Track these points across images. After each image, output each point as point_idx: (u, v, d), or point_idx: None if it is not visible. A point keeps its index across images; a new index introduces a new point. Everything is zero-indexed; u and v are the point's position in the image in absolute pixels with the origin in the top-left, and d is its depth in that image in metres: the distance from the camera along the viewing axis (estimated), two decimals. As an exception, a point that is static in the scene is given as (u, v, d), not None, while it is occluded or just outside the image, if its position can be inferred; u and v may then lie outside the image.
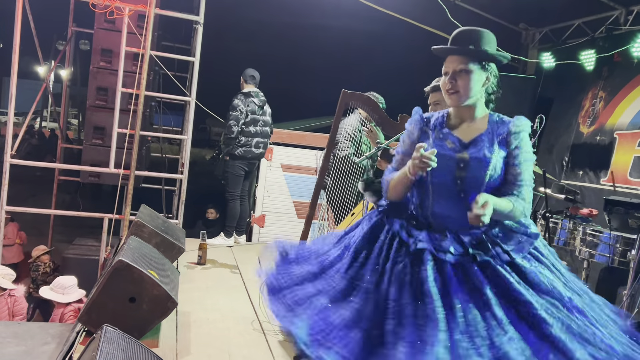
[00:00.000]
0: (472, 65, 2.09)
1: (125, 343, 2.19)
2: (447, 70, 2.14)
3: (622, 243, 4.17)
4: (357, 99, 3.73)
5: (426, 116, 2.25)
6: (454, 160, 2.08)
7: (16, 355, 2.99)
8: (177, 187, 6.86)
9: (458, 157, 2.08)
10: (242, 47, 9.96)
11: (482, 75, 2.12)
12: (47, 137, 19.79)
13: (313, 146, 6.70)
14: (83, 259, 6.16)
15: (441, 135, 2.15)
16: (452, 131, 2.16)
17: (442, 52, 2.16)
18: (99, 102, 6.02)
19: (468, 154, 2.08)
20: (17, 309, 4.80)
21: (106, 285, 3.09)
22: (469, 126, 2.16)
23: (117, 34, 5.81)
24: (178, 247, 4.54)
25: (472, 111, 2.16)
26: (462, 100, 2.12)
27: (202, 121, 27.70)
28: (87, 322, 3.11)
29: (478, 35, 2.12)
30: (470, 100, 2.12)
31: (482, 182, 2.06)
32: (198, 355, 3.17)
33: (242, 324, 3.73)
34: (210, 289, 4.48)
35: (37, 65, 20.50)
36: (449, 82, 2.11)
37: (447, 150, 2.10)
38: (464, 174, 2.07)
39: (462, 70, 2.09)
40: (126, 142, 5.62)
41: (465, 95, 2.11)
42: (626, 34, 6.53)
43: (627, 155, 6.18)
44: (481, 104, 2.17)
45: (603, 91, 6.86)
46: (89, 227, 8.15)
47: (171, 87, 6.53)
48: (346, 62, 10.14)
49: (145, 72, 5.53)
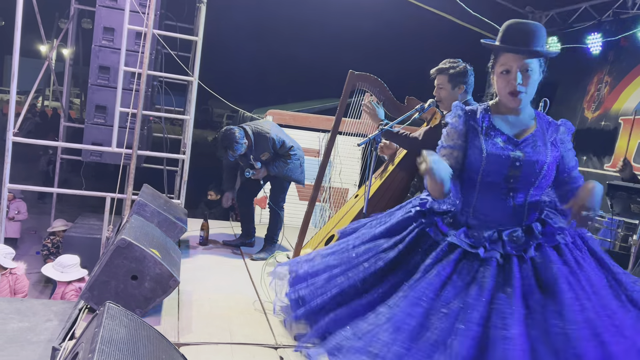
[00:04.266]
0: (535, 64, 2.02)
1: (127, 320, 2.20)
2: (507, 68, 2.02)
3: (623, 228, 4.17)
4: (364, 80, 3.70)
5: (468, 109, 2.16)
6: (509, 159, 2.03)
7: (19, 332, 3.02)
8: (179, 167, 6.86)
9: (512, 157, 2.03)
10: (245, 27, 9.91)
11: (539, 74, 2.06)
12: (50, 116, 19.76)
13: (316, 128, 6.67)
14: (85, 238, 6.20)
15: (492, 132, 2.08)
16: (499, 126, 2.09)
17: (504, 49, 2.04)
18: (101, 81, 6.00)
19: (523, 153, 2.03)
20: (19, 287, 4.83)
21: (108, 263, 3.10)
22: (517, 121, 2.10)
23: (120, 12, 5.77)
24: (180, 226, 4.55)
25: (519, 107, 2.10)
26: (527, 102, 2.06)
27: (205, 102, 27.67)
28: (90, 300, 3.13)
29: (539, 32, 2.03)
30: (531, 99, 2.07)
31: (533, 183, 2.04)
32: (199, 333, 3.19)
33: (243, 303, 3.75)
34: (212, 268, 4.50)
35: (40, 43, 20.43)
36: (516, 83, 2.01)
37: (499, 149, 2.04)
38: (518, 173, 2.02)
39: (527, 70, 2.01)
40: (128, 121, 5.60)
41: (530, 95, 2.05)
42: (633, 18, 6.46)
43: (631, 141, 6.16)
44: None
45: (609, 76, 6.81)
46: (91, 206, 8.19)
47: (174, 66, 6.49)
48: (352, 43, 10.08)
49: (147, 51, 5.49)
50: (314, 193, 3.75)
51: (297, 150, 4.94)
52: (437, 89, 3.37)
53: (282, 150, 4.84)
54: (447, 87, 3.32)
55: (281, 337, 3.25)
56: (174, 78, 6.71)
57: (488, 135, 2.07)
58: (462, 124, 2.13)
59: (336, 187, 6.38)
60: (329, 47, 9.76)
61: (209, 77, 6.85)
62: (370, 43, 10.05)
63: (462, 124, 2.14)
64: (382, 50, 9.50)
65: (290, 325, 2.29)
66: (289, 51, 10.38)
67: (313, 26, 9.53)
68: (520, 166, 2.02)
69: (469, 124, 2.12)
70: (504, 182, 2.04)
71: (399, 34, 8.38)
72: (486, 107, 2.15)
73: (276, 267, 2.48)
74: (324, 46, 9.91)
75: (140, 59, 5.55)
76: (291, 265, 2.42)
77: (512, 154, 2.03)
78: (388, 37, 9.19)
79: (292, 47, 10.49)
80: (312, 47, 10.27)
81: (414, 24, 7.49)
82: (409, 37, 7.88)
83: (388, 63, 6.70)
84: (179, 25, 7.27)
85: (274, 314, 2.56)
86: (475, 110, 2.15)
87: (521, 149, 2.04)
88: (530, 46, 2.01)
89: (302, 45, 10.76)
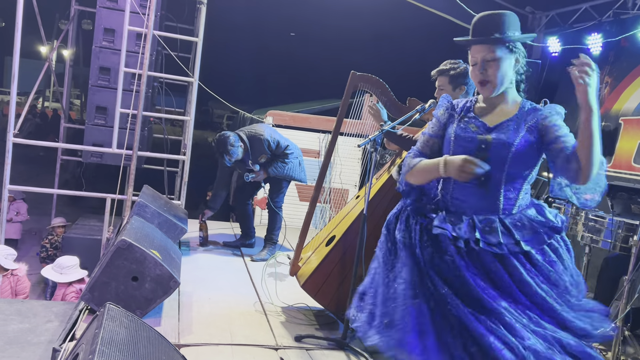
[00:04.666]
0: (499, 52, 2.03)
1: (128, 321, 2.20)
2: (474, 60, 2.07)
3: (624, 229, 4.16)
4: (366, 81, 3.69)
5: (455, 102, 2.22)
6: (476, 141, 2.05)
7: (20, 333, 3.02)
8: (179, 169, 6.86)
9: (480, 139, 2.05)
10: (245, 28, 9.91)
11: (511, 59, 2.06)
12: (50, 117, 19.78)
13: (316, 129, 6.67)
14: (86, 239, 6.21)
15: (466, 119, 2.12)
16: (480, 117, 2.12)
17: (466, 43, 2.10)
18: (102, 82, 6.00)
19: (491, 136, 2.04)
20: (20, 288, 4.83)
21: (109, 264, 3.10)
22: (498, 112, 2.11)
23: (120, 13, 5.77)
24: (180, 227, 4.55)
25: (502, 97, 2.11)
26: (496, 90, 2.07)
27: (205, 103, 27.65)
28: (90, 301, 3.13)
29: (501, 20, 2.04)
30: (502, 87, 2.08)
31: (503, 164, 2.02)
32: (200, 334, 3.19)
33: (243, 304, 3.75)
34: (213, 269, 4.50)
35: (40, 44, 20.42)
36: (480, 73, 2.06)
37: (469, 132, 2.08)
38: (485, 155, 2.02)
39: (491, 59, 2.03)
40: (128, 122, 5.60)
41: (498, 84, 2.06)
42: (634, 18, 6.46)
43: (632, 142, 6.15)
44: (512, 88, 2.12)
45: (609, 76, 6.81)
46: (91, 207, 8.19)
47: (174, 67, 6.49)
48: (352, 44, 10.08)
49: (148, 52, 5.49)
50: (315, 194, 3.74)
51: (294, 149, 4.98)
52: (438, 90, 3.37)
53: (278, 151, 4.89)
54: (448, 88, 3.32)
55: (282, 338, 3.25)
56: (174, 79, 6.71)
57: (462, 121, 2.12)
58: (442, 113, 2.21)
59: (336, 187, 6.38)
60: (328, 48, 9.77)
61: (209, 78, 6.85)
62: (371, 44, 10.06)
63: (442, 113, 2.21)
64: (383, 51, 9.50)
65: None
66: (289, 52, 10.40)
67: (313, 27, 9.53)
68: (485, 148, 2.03)
69: (450, 114, 2.19)
70: None
71: (400, 35, 8.39)
72: (474, 100, 2.20)
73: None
74: (323, 47, 9.91)
75: (140, 60, 5.55)
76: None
77: (480, 137, 2.06)
78: (389, 38, 9.20)
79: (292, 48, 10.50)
80: (312, 48, 10.27)
81: (415, 24, 7.49)
82: (410, 37, 7.89)
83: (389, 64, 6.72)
84: (179, 26, 7.28)
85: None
86: (460, 102, 2.21)
87: (491, 133, 2.06)
88: (490, 35, 2.03)
89: (302, 46, 10.77)
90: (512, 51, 2.06)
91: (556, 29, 7.76)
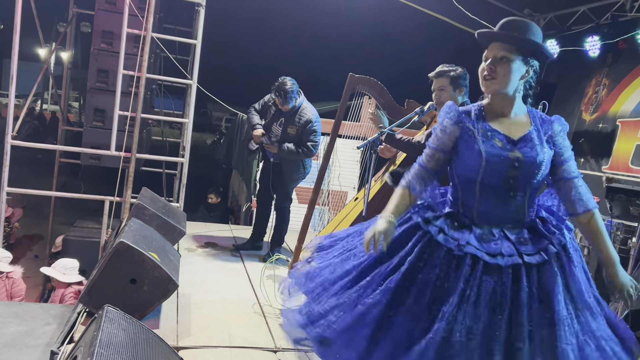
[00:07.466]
0: (514, 55, 2.02)
1: (126, 323, 2.20)
2: (488, 56, 2.06)
3: (623, 231, 4.17)
4: (364, 83, 3.69)
5: (463, 109, 2.15)
6: (508, 160, 2.03)
7: (18, 335, 3.01)
8: (178, 171, 6.86)
9: (512, 157, 2.03)
10: (244, 30, 9.92)
11: (522, 68, 2.05)
12: (48, 119, 19.76)
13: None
14: (84, 241, 6.18)
15: (488, 133, 2.07)
16: (495, 126, 2.08)
17: (485, 36, 2.09)
18: (100, 85, 5.99)
19: (522, 153, 2.03)
20: (15, 291, 4.82)
21: (107, 266, 3.09)
22: (512, 121, 2.09)
23: (119, 15, 5.76)
24: (179, 230, 4.54)
25: (510, 104, 2.09)
26: (496, 88, 2.05)
27: (204, 105, 27.66)
28: (88, 303, 3.13)
29: (527, 26, 2.05)
30: (505, 89, 2.05)
31: (532, 182, 2.05)
32: (198, 336, 3.18)
33: (242, 306, 3.75)
34: (211, 271, 4.50)
35: (38, 47, 20.44)
36: (488, 68, 2.04)
37: (497, 149, 2.04)
38: (517, 173, 2.02)
39: (503, 57, 2.02)
40: (127, 124, 5.60)
41: (501, 83, 2.03)
42: (632, 20, 6.48)
43: (629, 143, 6.16)
44: (519, 98, 2.10)
45: (607, 78, 6.82)
46: (89, 209, 8.17)
47: (172, 70, 6.49)
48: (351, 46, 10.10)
49: (146, 55, 5.49)
50: (314, 196, 3.74)
51: (312, 164, 4.87)
52: (438, 91, 3.35)
53: (306, 137, 4.63)
54: (449, 89, 3.31)
55: (280, 340, 3.24)
56: (172, 81, 6.71)
57: (485, 137, 2.06)
58: (453, 125, 2.12)
59: (335, 190, 6.38)
60: (327, 51, 9.79)
61: (207, 80, 6.86)
62: (369, 46, 10.08)
63: (452, 125, 2.12)
64: (380, 53, 9.52)
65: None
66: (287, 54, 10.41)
67: (312, 30, 9.56)
68: (518, 167, 2.02)
69: (464, 126, 2.10)
70: (503, 182, 2.04)
71: (399, 37, 8.41)
72: (479, 107, 2.14)
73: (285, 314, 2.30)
74: (322, 49, 9.93)
75: (139, 63, 5.55)
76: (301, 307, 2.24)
77: (511, 155, 2.03)
78: (387, 39, 9.22)
79: (290, 51, 10.50)
80: (310, 51, 10.29)
81: (412, 26, 7.50)
82: (407, 39, 7.91)
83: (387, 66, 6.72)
84: (178, 28, 7.27)
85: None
86: (470, 110, 2.14)
87: (519, 149, 2.04)
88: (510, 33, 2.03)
89: (300, 49, 10.79)
90: (526, 62, 2.05)
91: (554, 32, 7.78)
